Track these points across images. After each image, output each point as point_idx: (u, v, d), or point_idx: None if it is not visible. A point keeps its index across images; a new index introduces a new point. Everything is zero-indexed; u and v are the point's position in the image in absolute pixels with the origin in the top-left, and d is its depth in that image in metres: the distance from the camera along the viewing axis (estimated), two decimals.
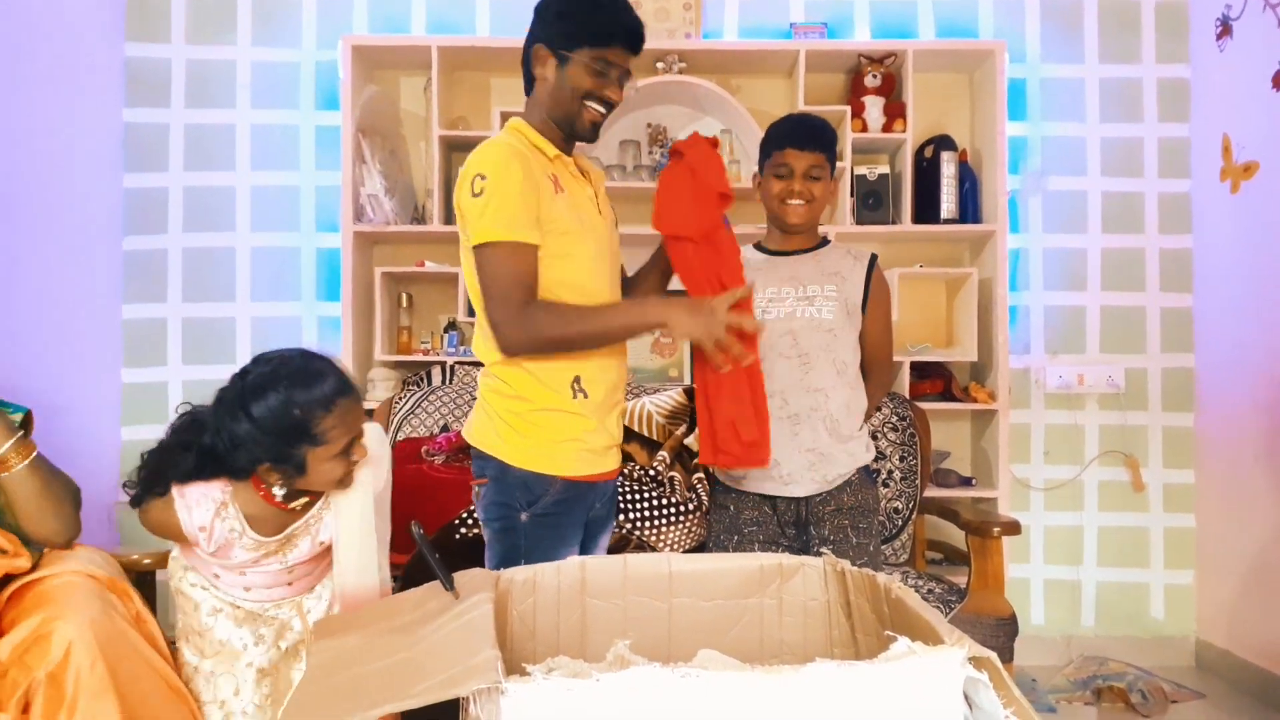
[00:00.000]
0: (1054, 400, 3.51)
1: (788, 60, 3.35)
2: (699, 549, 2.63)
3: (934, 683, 0.99)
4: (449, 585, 1.31)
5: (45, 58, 2.96)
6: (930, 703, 0.99)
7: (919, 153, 3.37)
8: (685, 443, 2.86)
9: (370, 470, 1.81)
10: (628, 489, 2.65)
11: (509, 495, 1.86)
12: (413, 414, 2.99)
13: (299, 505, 1.77)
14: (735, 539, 2.17)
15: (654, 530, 2.60)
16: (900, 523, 2.96)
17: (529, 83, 1.93)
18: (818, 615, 1.51)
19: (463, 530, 2.42)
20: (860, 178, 3.36)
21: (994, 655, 1.00)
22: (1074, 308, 3.52)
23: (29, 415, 1.95)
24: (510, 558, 1.84)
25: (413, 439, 2.92)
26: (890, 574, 1.36)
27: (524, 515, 1.85)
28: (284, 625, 1.85)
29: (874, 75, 3.32)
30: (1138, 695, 3.02)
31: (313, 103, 3.46)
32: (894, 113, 3.31)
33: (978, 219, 3.34)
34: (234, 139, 3.44)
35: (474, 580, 1.35)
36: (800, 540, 2.16)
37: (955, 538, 3.01)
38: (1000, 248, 3.26)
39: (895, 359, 2.47)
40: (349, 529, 1.78)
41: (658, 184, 1.96)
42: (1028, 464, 3.51)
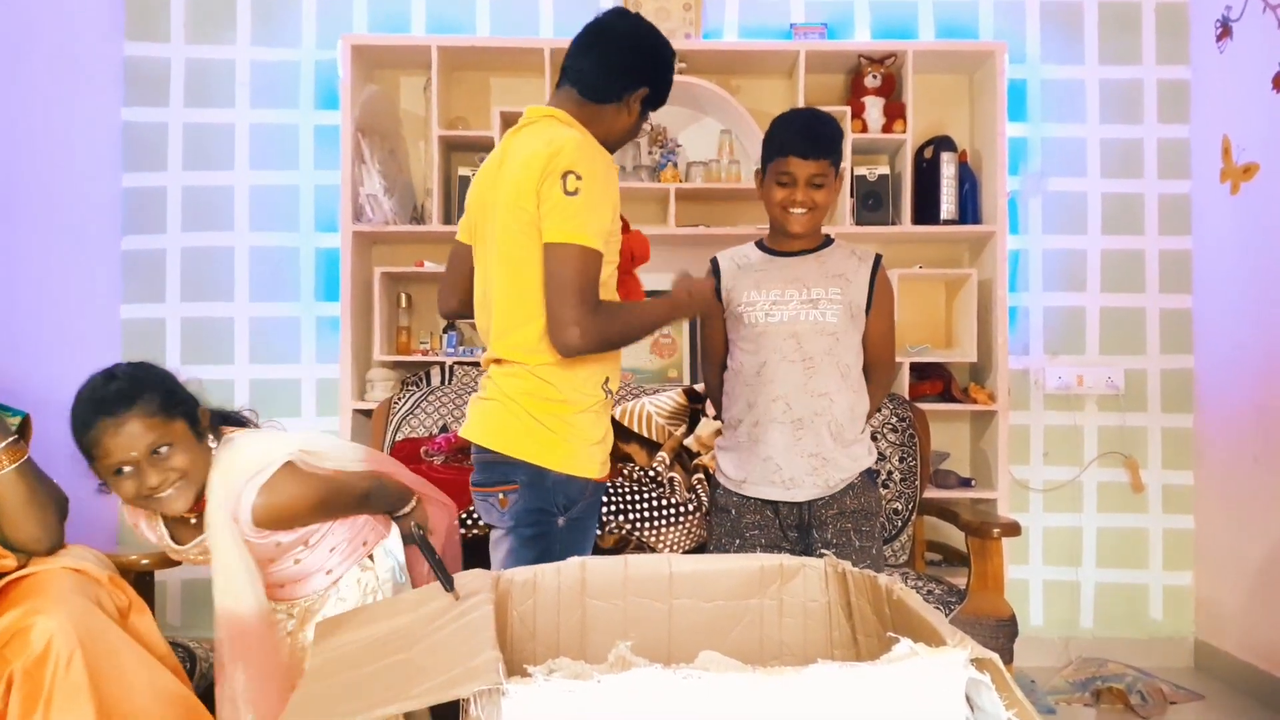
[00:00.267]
0: (1053, 401, 3.51)
1: (788, 61, 3.35)
2: (699, 550, 2.62)
3: (936, 684, 0.99)
4: (449, 586, 1.31)
5: (44, 56, 2.95)
6: (932, 704, 0.99)
7: (919, 153, 3.37)
8: (685, 443, 2.86)
9: (222, 491, 1.67)
10: (628, 489, 2.64)
11: (546, 500, 1.82)
12: (412, 414, 2.99)
13: (194, 519, 1.70)
14: (737, 543, 2.16)
15: (654, 531, 2.60)
16: (899, 524, 2.96)
17: (585, 83, 1.89)
18: (818, 616, 1.50)
19: (462, 531, 2.41)
20: (860, 178, 3.36)
21: (996, 657, 1.00)
22: (1073, 309, 3.52)
23: (27, 419, 1.94)
24: (542, 563, 1.83)
25: (412, 439, 2.91)
26: (890, 575, 1.35)
27: (561, 520, 1.83)
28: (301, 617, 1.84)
29: (874, 76, 3.32)
30: (1137, 696, 3.02)
31: (312, 102, 3.46)
32: (894, 113, 3.31)
33: (977, 220, 3.34)
34: (233, 138, 3.44)
35: (474, 581, 1.35)
36: (803, 544, 2.15)
37: (955, 539, 3.01)
38: (1000, 249, 3.26)
39: (895, 359, 2.46)
40: (216, 551, 1.67)
41: None
42: (1027, 465, 3.51)
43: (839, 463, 2.12)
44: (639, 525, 2.59)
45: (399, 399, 3.03)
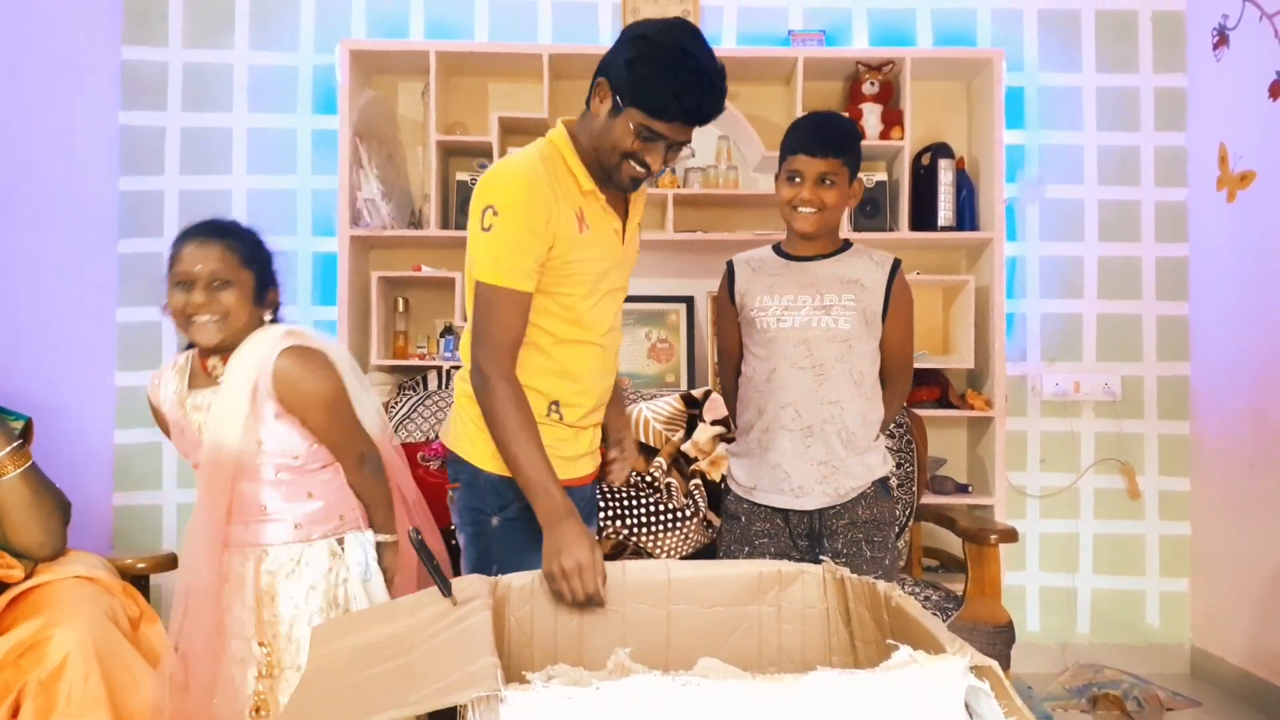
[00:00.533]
0: (1050, 408, 3.51)
1: (786, 67, 3.36)
2: (696, 555, 2.62)
3: (936, 692, 0.99)
4: (446, 591, 1.31)
5: (42, 60, 2.95)
6: (932, 711, 0.99)
7: (916, 160, 3.38)
8: (682, 449, 2.85)
9: (254, 350, 1.82)
10: (624, 495, 2.64)
11: (480, 500, 1.85)
12: (408, 419, 2.98)
13: (219, 374, 1.83)
14: (746, 550, 2.14)
15: (651, 536, 2.60)
16: (897, 530, 2.95)
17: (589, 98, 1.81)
18: (816, 623, 1.50)
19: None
20: None
21: (996, 664, 1.00)
22: (1070, 315, 3.52)
23: (29, 424, 1.94)
24: (482, 562, 1.83)
25: (408, 444, 2.90)
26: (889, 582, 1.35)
27: (495, 520, 1.84)
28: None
29: (872, 83, 3.33)
30: (1133, 703, 3.02)
31: (310, 106, 3.46)
32: (892, 120, 3.31)
33: (975, 226, 3.34)
34: (231, 142, 3.43)
35: (471, 586, 1.35)
36: (812, 553, 2.11)
37: (952, 545, 3.01)
38: (997, 255, 3.26)
39: (912, 367, 2.41)
40: (224, 393, 1.79)
41: None
42: (1024, 471, 3.51)
43: (851, 471, 2.09)
44: (636, 531, 2.59)
45: (396, 403, 3.03)
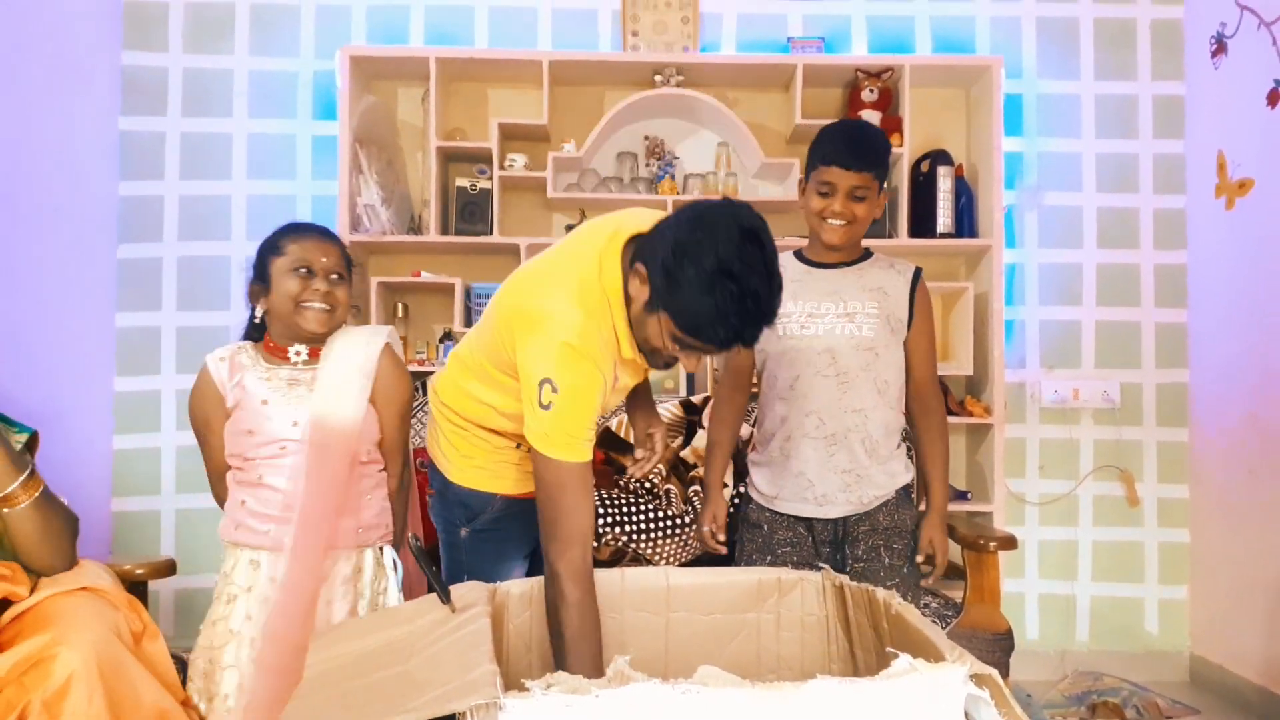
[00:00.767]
0: (1049, 415, 3.52)
1: (785, 74, 3.36)
2: (695, 563, 2.62)
3: (936, 700, 0.98)
4: (445, 598, 1.31)
5: (42, 65, 2.95)
6: (932, 719, 0.99)
7: (915, 167, 3.38)
8: (681, 455, 2.85)
9: (364, 337, 1.95)
10: (624, 501, 2.64)
11: (449, 511, 1.89)
12: None
13: (301, 359, 1.90)
14: (769, 559, 2.12)
15: (650, 543, 2.59)
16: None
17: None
18: (815, 630, 1.50)
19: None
20: None
21: (996, 672, 1.00)
22: (1069, 322, 3.53)
23: (34, 436, 1.92)
24: (454, 572, 1.86)
25: None
26: (891, 590, 1.35)
27: (464, 531, 1.86)
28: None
29: (871, 90, 3.33)
30: (1132, 711, 3.01)
31: (310, 112, 3.46)
32: (891, 127, 3.31)
33: (974, 233, 3.35)
34: (230, 148, 3.44)
35: (470, 593, 1.35)
36: (835, 560, 2.11)
37: (951, 552, 2.99)
38: (996, 262, 3.27)
39: (939, 386, 2.38)
40: (332, 363, 1.89)
41: None
42: (1023, 478, 3.51)
43: (874, 479, 2.09)
44: (635, 537, 2.59)
45: None
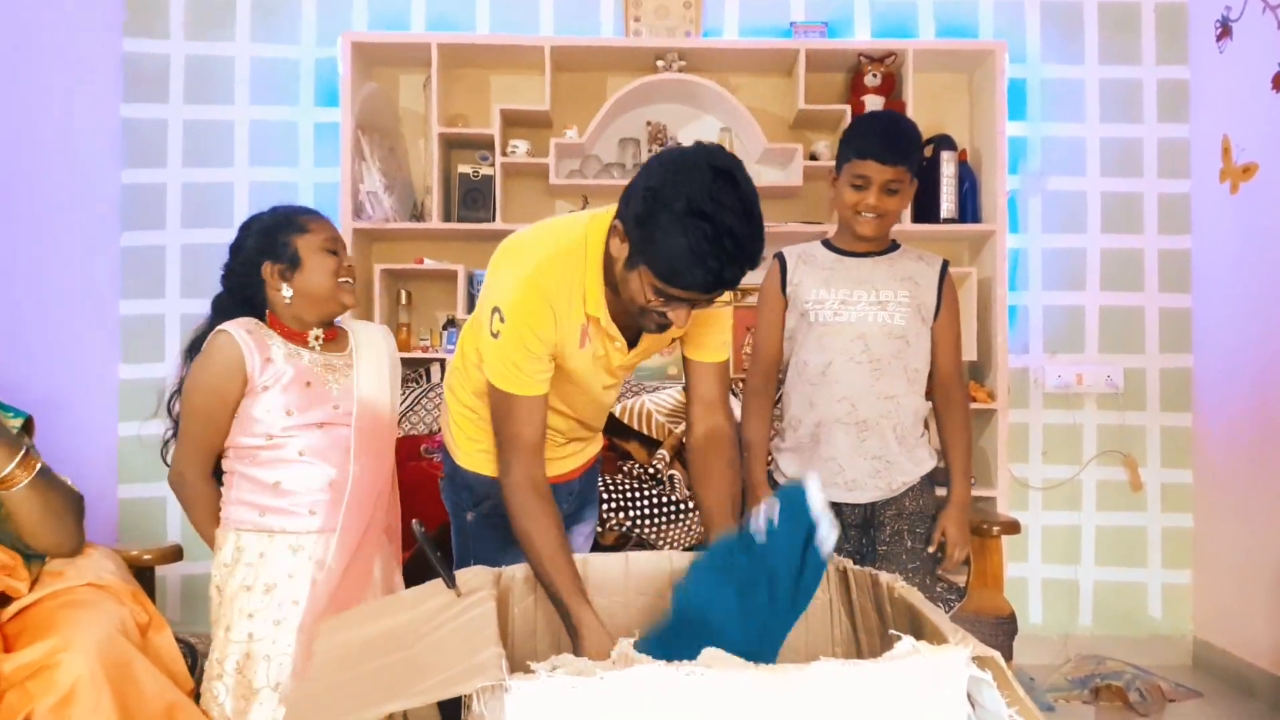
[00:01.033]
0: (1052, 400, 3.52)
1: (788, 59, 3.35)
2: (698, 547, 2.62)
3: (938, 682, 0.99)
4: (451, 582, 1.31)
5: (44, 52, 2.95)
6: (934, 701, 0.99)
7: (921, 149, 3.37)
8: (685, 441, 2.85)
9: (383, 338, 2.05)
10: (627, 487, 2.64)
11: (457, 494, 1.90)
12: (411, 411, 2.98)
13: (319, 344, 1.91)
14: None
15: (654, 528, 2.60)
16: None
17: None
18: (819, 614, 1.51)
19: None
20: None
21: (998, 655, 1.01)
22: (1073, 308, 3.52)
23: (29, 422, 1.92)
24: (461, 555, 1.88)
25: (412, 436, 2.91)
26: (895, 574, 1.36)
27: (470, 515, 1.87)
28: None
29: (874, 75, 3.32)
30: (1135, 694, 3.02)
31: (312, 99, 3.45)
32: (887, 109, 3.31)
33: (977, 219, 3.34)
34: (233, 135, 3.43)
35: (475, 578, 1.35)
36: (863, 544, 2.16)
37: None
38: (1000, 247, 3.26)
39: (964, 380, 2.37)
40: (372, 355, 1.96)
41: None
42: (1026, 463, 3.51)
43: (902, 466, 2.13)
44: (639, 522, 2.59)
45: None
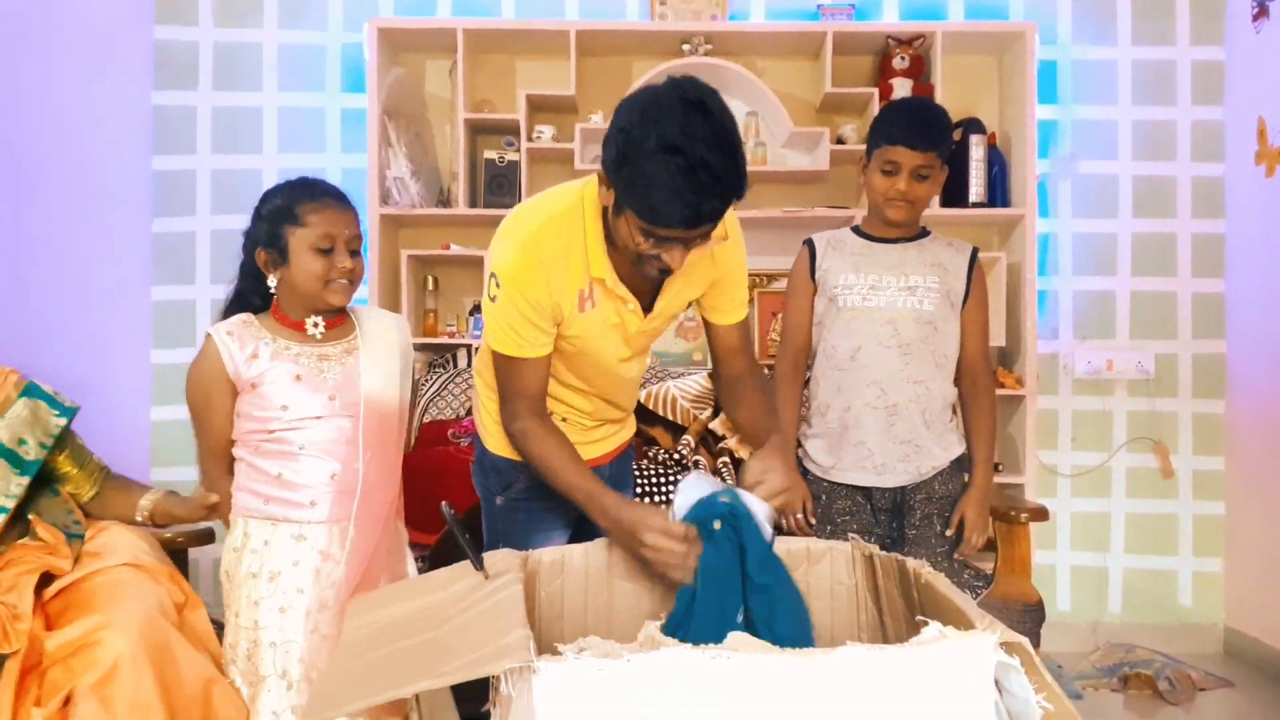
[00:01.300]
0: (1082, 386, 3.48)
1: (815, 42, 3.32)
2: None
3: (965, 667, 0.99)
4: (479, 565, 1.32)
5: (75, 41, 2.98)
6: (961, 687, 0.99)
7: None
8: (710, 427, 2.86)
9: (394, 326, 1.99)
10: (652, 473, 2.65)
11: (486, 478, 1.90)
12: (439, 396, 3.00)
13: (319, 332, 1.86)
14: (828, 529, 2.17)
15: None
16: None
17: None
18: (844, 599, 1.51)
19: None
20: None
21: (1026, 640, 1.00)
22: (1103, 293, 3.48)
23: (74, 414, 1.97)
24: (491, 540, 1.88)
25: (439, 421, 2.93)
26: (923, 559, 1.35)
27: (499, 499, 1.88)
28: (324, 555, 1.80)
29: (902, 57, 3.29)
30: (1165, 682, 3.00)
31: (339, 85, 3.47)
32: (922, 95, 3.27)
33: (1006, 203, 3.31)
34: (261, 121, 3.46)
35: (503, 560, 1.36)
36: (893, 528, 2.17)
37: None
38: (1029, 232, 3.23)
39: (991, 369, 2.40)
40: (377, 346, 1.90)
41: None
42: (1055, 450, 3.48)
43: (931, 451, 2.14)
44: (664, 507, 2.60)
45: (426, 381, 3.05)
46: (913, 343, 2.10)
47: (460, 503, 2.25)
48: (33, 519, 1.85)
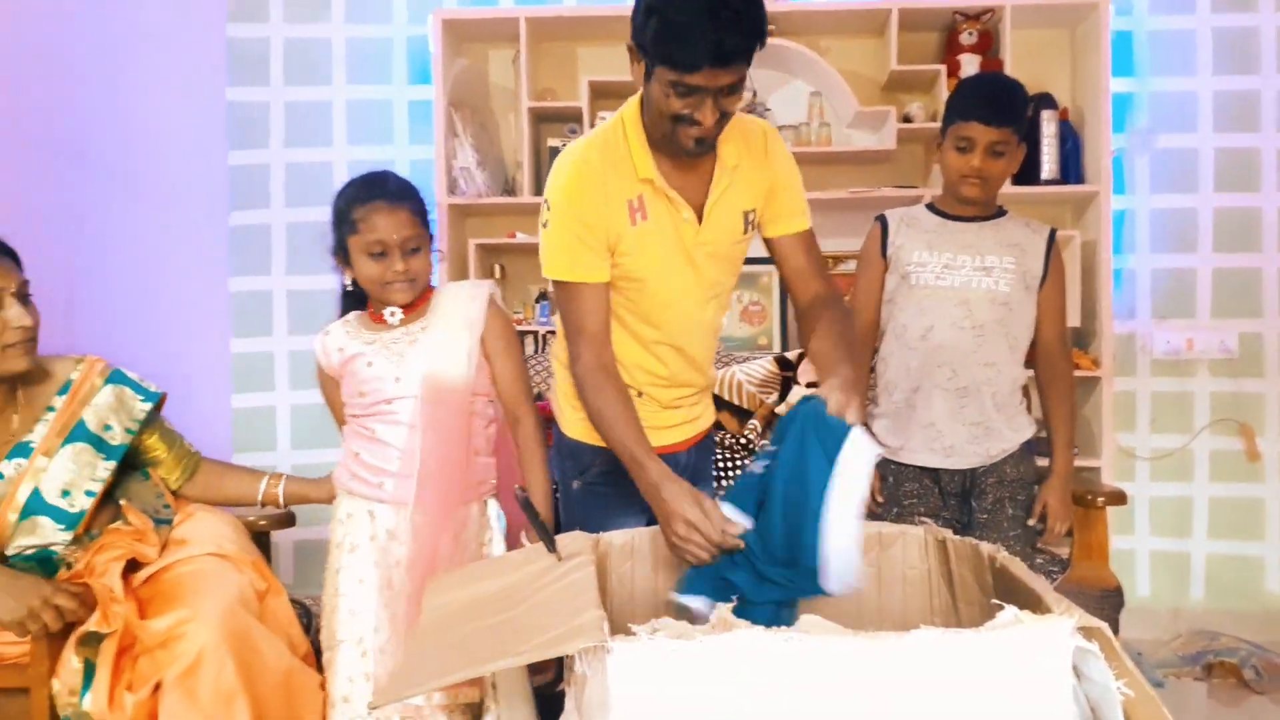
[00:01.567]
0: (1161, 367, 3.38)
1: (879, 19, 3.27)
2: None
3: (1042, 652, 0.98)
4: (551, 547, 1.34)
5: (154, 42, 3.08)
6: (1038, 672, 0.98)
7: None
8: (776, 411, 2.84)
9: (467, 299, 1.94)
10: (720, 457, 2.65)
11: (563, 463, 1.92)
12: None
13: (396, 319, 1.90)
14: (895, 511, 2.15)
15: None
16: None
17: None
18: (917, 584, 1.50)
19: (556, 496, 2.46)
20: None
21: (1105, 625, 0.99)
22: (1183, 270, 3.37)
23: (160, 400, 2.05)
24: (568, 523, 1.90)
25: None
26: (996, 543, 1.34)
27: (575, 484, 1.90)
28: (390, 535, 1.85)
29: (970, 33, 3.21)
30: (1251, 671, 2.92)
31: (405, 77, 3.52)
32: (991, 70, 3.20)
33: (1080, 180, 3.22)
34: (331, 115, 3.52)
35: (575, 543, 1.38)
36: (962, 511, 2.14)
37: None
38: (1104, 209, 3.14)
39: (1070, 353, 2.34)
40: (439, 322, 1.90)
41: None
42: (1133, 433, 3.39)
43: (1001, 433, 2.12)
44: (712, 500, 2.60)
45: None
46: (986, 324, 2.07)
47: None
48: (124, 505, 1.92)
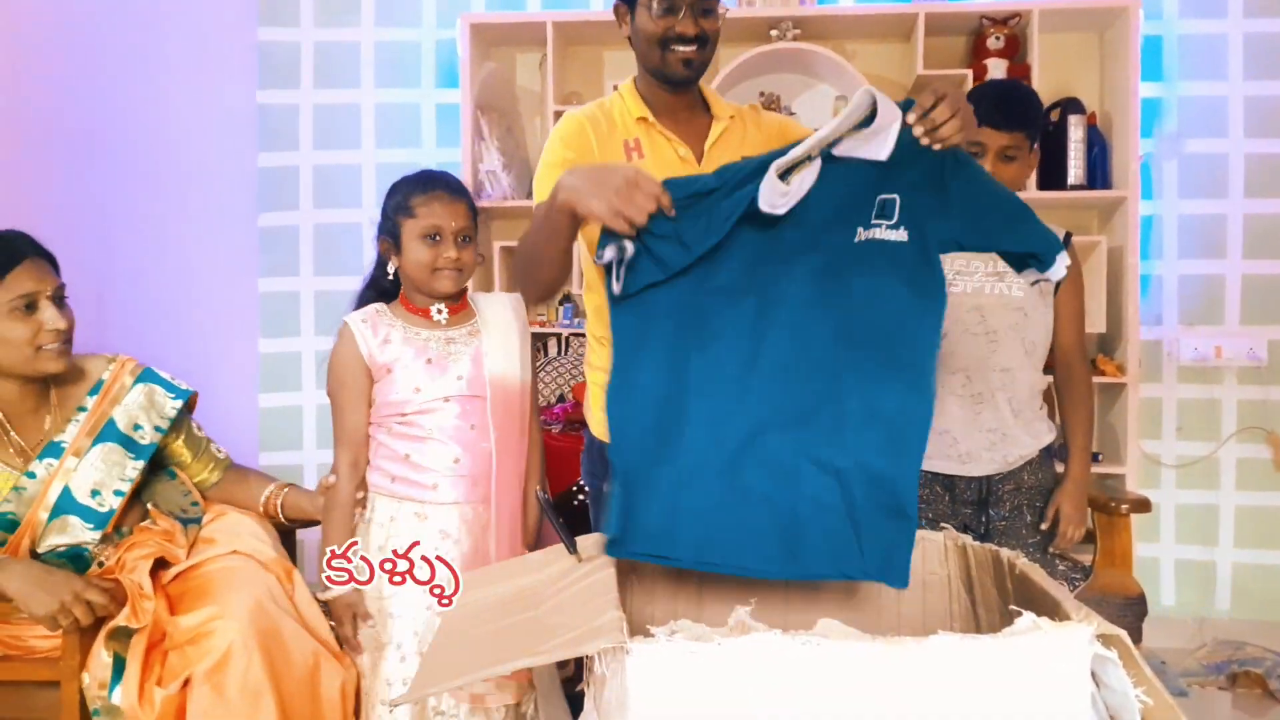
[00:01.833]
0: (1188, 374, 3.35)
1: (906, 24, 3.26)
2: None
3: (1061, 659, 0.98)
4: (572, 548, 1.36)
5: (185, 45, 3.13)
6: (1056, 679, 0.98)
7: (1044, 116, 3.24)
8: None
9: (512, 307, 2.02)
10: None
11: (593, 466, 1.92)
12: None
13: (443, 318, 1.92)
14: None
15: None
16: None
17: None
18: (937, 590, 1.50)
19: (580, 497, 2.47)
20: None
21: (1124, 633, 0.99)
22: (1212, 277, 3.34)
23: (191, 399, 2.07)
24: (599, 525, 1.88)
25: None
26: (1016, 550, 1.34)
27: (606, 486, 1.88)
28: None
29: (997, 37, 3.20)
30: (1276, 681, 2.89)
31: (433, 81, 3.55)
32: (1018, 75, 3.18)
33: (1107, 185, 3.20)
34: (359, 118, 3.56)
35: (595, 545, 1.40)
36: (978, 519, 2.12)
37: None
38: (1131, 214, 3.12)
39: (1087, 360, 2.31)
40: (493, 327, 1.96)
41: None
42: (1158, 440, 3.36)
43: (1019, 440, 2.09)
44: None
45: None
46: (1000, 330, 2.05)
47: (550, 488, 2.30)
48: (151, 509, 1.95)
